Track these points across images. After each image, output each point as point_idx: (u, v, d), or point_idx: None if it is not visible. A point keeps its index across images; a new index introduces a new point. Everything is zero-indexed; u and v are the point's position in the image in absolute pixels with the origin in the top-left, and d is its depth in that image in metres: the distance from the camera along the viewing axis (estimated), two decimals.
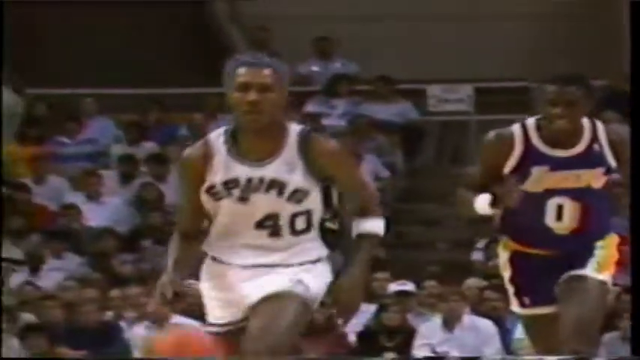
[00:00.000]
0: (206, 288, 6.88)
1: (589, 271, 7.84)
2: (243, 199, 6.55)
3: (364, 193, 6.85)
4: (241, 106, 6.39)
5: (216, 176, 6.55)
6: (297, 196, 6.51)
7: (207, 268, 6.91)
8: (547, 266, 8.02)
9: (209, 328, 6.97)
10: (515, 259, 8.06)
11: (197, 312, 7.86)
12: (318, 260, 6.72)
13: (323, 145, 6.62)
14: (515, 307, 8.31)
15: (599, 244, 7.95)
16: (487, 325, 18.47)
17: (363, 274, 6.90)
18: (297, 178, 6.50)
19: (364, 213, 6.77)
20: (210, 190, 6.58)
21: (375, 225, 6.77)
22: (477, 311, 19.08)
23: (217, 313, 6.86)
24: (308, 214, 6.63)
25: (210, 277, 6.87)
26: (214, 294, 6.84)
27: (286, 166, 6.52)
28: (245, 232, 6.65)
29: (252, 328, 6.45)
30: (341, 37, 28.80)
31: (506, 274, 8.16)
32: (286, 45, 26.44)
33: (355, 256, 6.83)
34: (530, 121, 7.75)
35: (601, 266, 7.90)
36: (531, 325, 8.31)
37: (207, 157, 6.60)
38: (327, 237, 6.76)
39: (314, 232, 6.69)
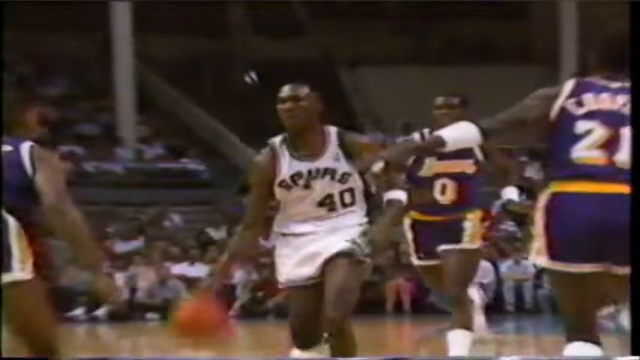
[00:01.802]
0: (282, 256, 8.89)
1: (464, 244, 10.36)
2: (307, 186, 8.63)
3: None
4: (282, 113, 8.50)
5: (285, 172, 8.60)
6: (344, 177, 8.60)
7: (280, 242, 9.00)
8: (435, 229, 10.37)
9: (289, 284, 8.81)
10: (415, 225, 10.33)
11: None
12: (361, 224, 8.67)
13: (355, 138, 8.79)
14: (415, 260, 10.60)
15: (469, 216, 10.32)
16: None
17: (387, 226, 8.89)
18: (342, 165, 8.59)
19: (389, 187, 8.79)
20: (282, 183, 8.64)
21: (398, 194, 8.69)
22: None
23: (295, 272, 8.73)
24: (351, 190, 8.68)
25: (285, 247, 8.88)
26: (290, 260, 8.80)
27: (333, 157, 8.62)
28: (310, 209, 8.73)
29: (329, 293, 8.45)
30: None
31: (409, 235, 10.41)
32: None
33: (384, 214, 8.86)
34: None
35: (471, 238, 10.28)
36: (426, 272, 10.68)
37: (274, 159, 8.66)
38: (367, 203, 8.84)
39: (358, 204, 8.76)
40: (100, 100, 37.64)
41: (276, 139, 8.59)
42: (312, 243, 8.71)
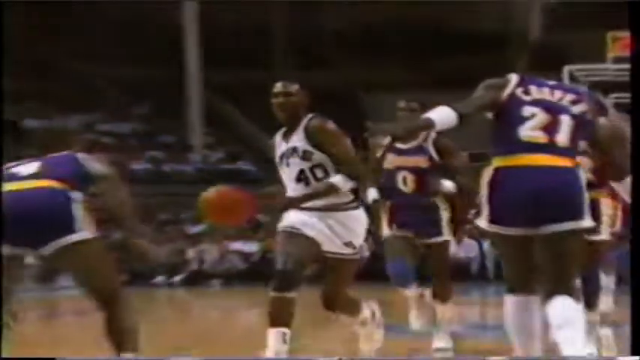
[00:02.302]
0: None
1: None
2: (287, 164, 8.24)
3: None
4: (275, 105, 8.24)
5: (277, 154, 8.37)
6: (306, 154, 8.10)
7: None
8: (405, 211, 9.81)
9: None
10: (390, 208, 9.83)
11: None
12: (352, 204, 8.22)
13: (317, 123, 8.18)
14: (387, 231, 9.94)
15: (442, 207, 9.86)
16: None
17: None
18: (302, 144, 8.12)
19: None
20: (278, 163, 8.39)
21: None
22: None
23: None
24: (322, 166, 8.11)
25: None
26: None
27: (298, 138, 8.17)
28: (293, 185, 8.25)
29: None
30: None
31: (385, 216, 9.88)
32: None
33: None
34: None
35: (448, 227, 9.86)
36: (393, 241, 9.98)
37: (274, 144, 8.49)
38: None
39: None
40: (175, 116, 37.56)
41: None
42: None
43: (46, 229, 5.70)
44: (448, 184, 9.67)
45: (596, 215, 8.31)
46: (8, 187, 5.89)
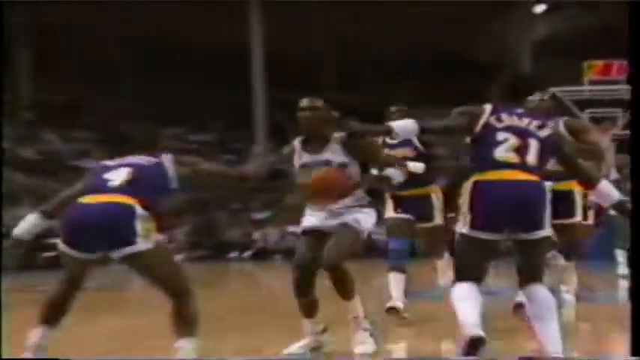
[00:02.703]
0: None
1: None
2: (311, 172, 7.18)
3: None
4: (301, 118, 7.47)
5: (297, 162, 7.50)
6: (342, 166, 7.24)
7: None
8: (402, 198, 9.32)
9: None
10: (391, 195, 9.39)
11: None
12: (365, 205, 7.34)
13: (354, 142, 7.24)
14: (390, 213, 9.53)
15: (432, 194, 9.48)
16: None
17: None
18: (337, 156, 7.28)
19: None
20: (298, 168, 7.47)
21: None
22: None
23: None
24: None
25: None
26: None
27: (331, 151, 7.35)
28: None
29: (326, 248, 7.10)
30: None
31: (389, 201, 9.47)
32: None
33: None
34: None
35: (440, 213, 9.51)
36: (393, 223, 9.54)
37: (293, 152, 7.58)
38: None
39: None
40: (244, 128, 37.52)
41: (296, 139, 7.67)
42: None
43: (113, 239, 5.58)
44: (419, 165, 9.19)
45: (570, 203, 8.34)
46: (95, 198, 5.79)
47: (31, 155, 33.77)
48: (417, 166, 8.97)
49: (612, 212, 11.08)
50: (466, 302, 5.63)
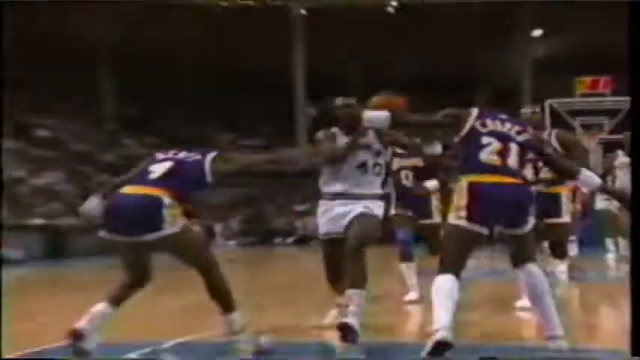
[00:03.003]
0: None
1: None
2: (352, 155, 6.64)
3: None
4: (340, 113, 6.85)
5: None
6: (379, 152, 6.72)
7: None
8: (406, 198, 9.20)
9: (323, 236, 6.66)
10: (396, 195, 9.15)
11: None
12: (378, 197, 6.63)
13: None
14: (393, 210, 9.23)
15: (434, 197, 9.30)
16: None
17: None
18: (376, 144, 6.67)
19: None
20: None
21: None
22: None
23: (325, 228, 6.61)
24: (383, 158, 6.72)
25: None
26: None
27: (370, 139, 6.68)
28: (352, 172, 6.65)
29: (351, 232, 6.34)
30: None
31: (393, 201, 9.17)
32: None
33: None
34: None
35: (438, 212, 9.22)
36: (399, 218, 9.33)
37: (334, 136, 6.80)
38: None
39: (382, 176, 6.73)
40: (288, 133, 37.42)
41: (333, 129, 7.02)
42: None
43: (143, 226, 5.51)
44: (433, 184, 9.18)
45: (558, 205, 8.15)
46: (128, 189, 5.75)
47: (113, 159, 33.84)
48: (432, 184, 9.10)
49: (599, 207, 11.01)
50: (447, 301, 5.33)
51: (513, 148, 5.54)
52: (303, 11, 37.70)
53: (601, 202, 10.91)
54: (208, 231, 34.54)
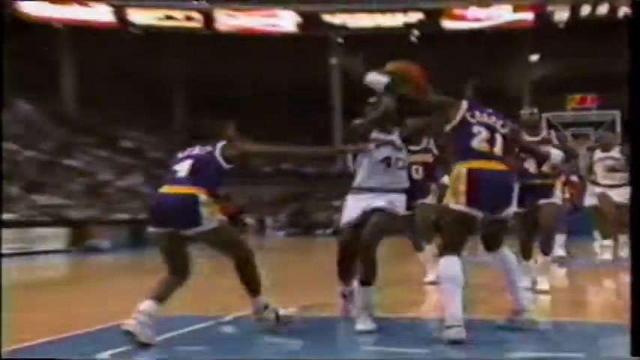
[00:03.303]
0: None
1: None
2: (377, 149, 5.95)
3: None
4: (368, 111, 6.07)
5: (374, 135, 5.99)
6: (400, 147, 5.98)
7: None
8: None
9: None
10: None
11: None
12: (400, 190, 5.96)
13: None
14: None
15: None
16: None
17: None
18: (398, 140, 5.96)
19: None
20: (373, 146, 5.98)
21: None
22: None
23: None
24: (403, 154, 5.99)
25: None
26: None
27: (395, 137, 5.92)
28: (373, 166, 5.93)
29: (366, 227, 5.71)
30: None
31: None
32: None
33: None
34: None
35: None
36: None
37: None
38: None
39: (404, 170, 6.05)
40: (327, 142, 37.36)
41: None
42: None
43: (183, 222, 5.27)
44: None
45: (552, 191, 7.76)
46: (167, 189, 5.45)
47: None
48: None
49: (588, 204, 10.87)
50: (456, 291, 5.02)
51: (498, 138, 5.30)
52: (340, 40, 37.70)
53: (589, 199, 10.76)
54: (260, 223, 34.72)
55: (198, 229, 5.28)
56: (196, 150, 5.60)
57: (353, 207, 5.94)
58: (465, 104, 5.37)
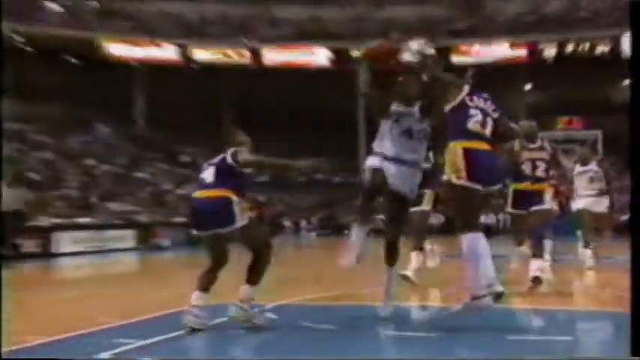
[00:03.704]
0: None
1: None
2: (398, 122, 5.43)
3: None
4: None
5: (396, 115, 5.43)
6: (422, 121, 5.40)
7: None
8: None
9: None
10: None
11: None
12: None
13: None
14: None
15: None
16: None
17: None
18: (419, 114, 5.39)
19: None
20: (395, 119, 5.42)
21: None
22: None
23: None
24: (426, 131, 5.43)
25: None
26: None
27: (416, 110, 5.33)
28: (398, 138, 5.42)
29: (387, 228, 5.56)
30: None
31: None
32: None
33: None
34: None
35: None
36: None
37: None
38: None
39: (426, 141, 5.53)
40: (351, 157, 37.13)
41: None
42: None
43: (221, 221, 5.13)
44: None
45: (543, 197, 7.43)
46: (199, 193, 5.30)
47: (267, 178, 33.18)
48: None
49: (575, 208, 10.71)
50: (487, 259, 4.79)
51: (489, 121, 5.08)
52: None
53: (575, 204, 10.59)
54: (296, 225, 34.71)
55: (233, 227, 5.14)
56: (216, 158, 5.47)
57: (374, 160, 5.38)
58: (466, 88, 5.17)
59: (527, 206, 7.42)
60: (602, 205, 10.08)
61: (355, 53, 37.17)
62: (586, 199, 10.17)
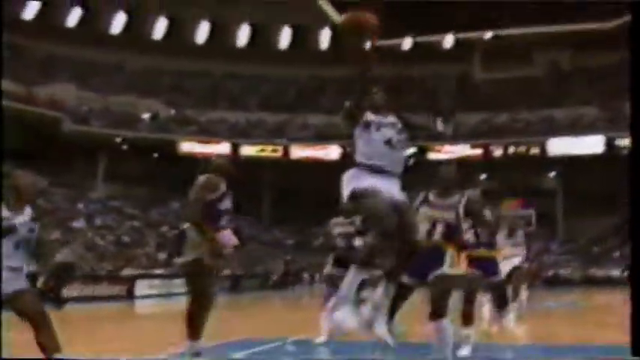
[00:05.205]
0: None
1: None
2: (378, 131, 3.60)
3: None
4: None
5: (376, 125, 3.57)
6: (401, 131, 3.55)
7: None
8: None
9: None
10: None
11: None
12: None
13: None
14: None
15: None
16: None
17: None
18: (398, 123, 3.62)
19: None
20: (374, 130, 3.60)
21: None
22: None
23: None
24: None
25: None
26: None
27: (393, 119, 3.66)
28: (381, 149, 3.63)
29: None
30: None
31: None
32: None
33: None
34: None
35: None
36: None
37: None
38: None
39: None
40: None
41: None
42: None
43: None
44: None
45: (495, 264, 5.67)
46: None
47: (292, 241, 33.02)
48: None
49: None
50: None
51: None
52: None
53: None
54: (311, 277, 33.67)
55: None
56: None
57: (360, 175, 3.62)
58: None
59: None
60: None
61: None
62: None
